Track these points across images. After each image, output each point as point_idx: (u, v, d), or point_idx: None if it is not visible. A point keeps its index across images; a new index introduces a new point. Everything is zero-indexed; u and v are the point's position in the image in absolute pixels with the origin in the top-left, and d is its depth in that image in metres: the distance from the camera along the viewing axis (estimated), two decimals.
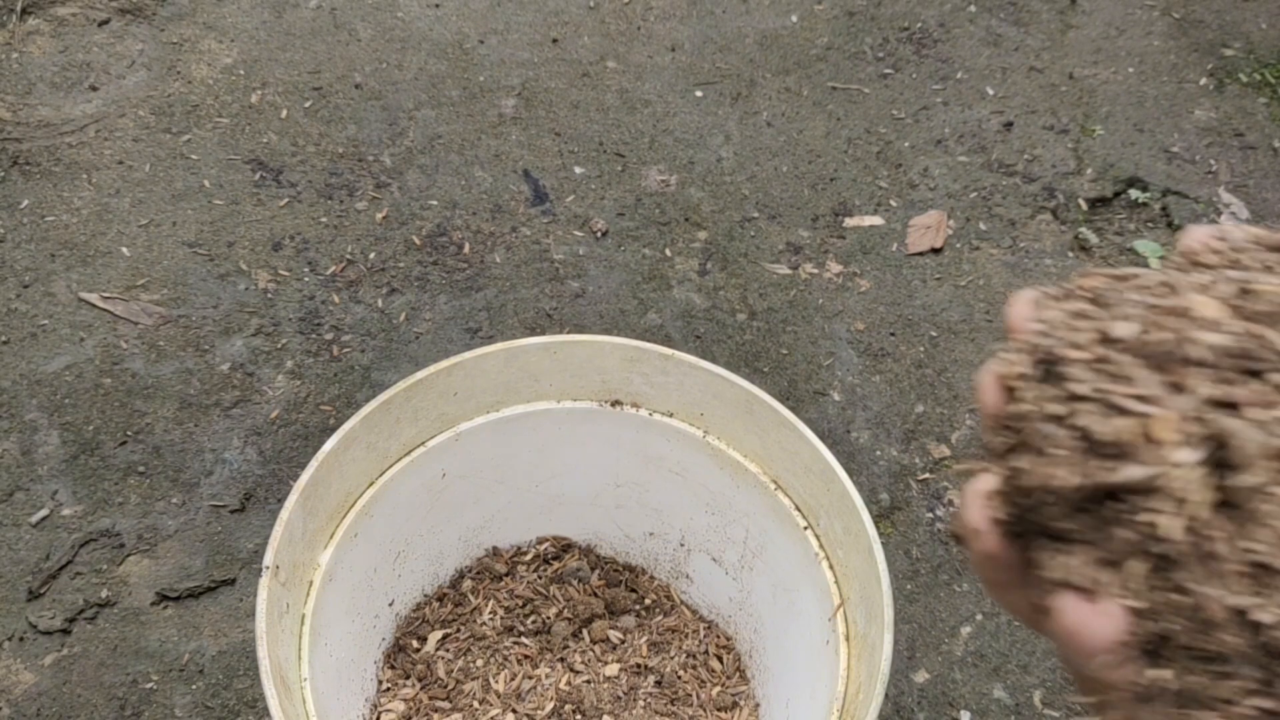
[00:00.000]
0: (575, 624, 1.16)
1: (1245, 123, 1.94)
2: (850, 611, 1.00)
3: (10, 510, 1.32)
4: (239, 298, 1.56)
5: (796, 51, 2.01)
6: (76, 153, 1.72)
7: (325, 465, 0.98)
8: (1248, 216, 1.78)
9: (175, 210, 1.66)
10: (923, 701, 1.25)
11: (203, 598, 1.27)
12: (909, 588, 1.34)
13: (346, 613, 1.08)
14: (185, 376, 1.47)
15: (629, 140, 1.84)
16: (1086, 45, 2.06)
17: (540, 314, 1.59)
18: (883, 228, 1.74)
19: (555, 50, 1.97)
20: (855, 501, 0.97)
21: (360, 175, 1.74)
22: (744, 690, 1.14)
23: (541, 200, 1.73)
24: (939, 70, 2.00)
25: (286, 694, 0.86)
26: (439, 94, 1.88)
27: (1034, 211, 1.78)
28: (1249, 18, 2.14)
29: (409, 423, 1.06)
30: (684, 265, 1.67)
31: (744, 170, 1.81)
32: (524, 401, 1.13)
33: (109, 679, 1.20)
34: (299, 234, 1.65)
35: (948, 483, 1.44)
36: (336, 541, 1.03)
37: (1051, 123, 1.92)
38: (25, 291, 1.54)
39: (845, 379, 1.54)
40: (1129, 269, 0.36)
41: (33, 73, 1.82)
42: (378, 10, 2.01)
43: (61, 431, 1.40)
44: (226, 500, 1.35)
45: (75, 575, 1.28)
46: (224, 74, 1.86)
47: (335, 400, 1.46)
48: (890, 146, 1.87)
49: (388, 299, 1.58)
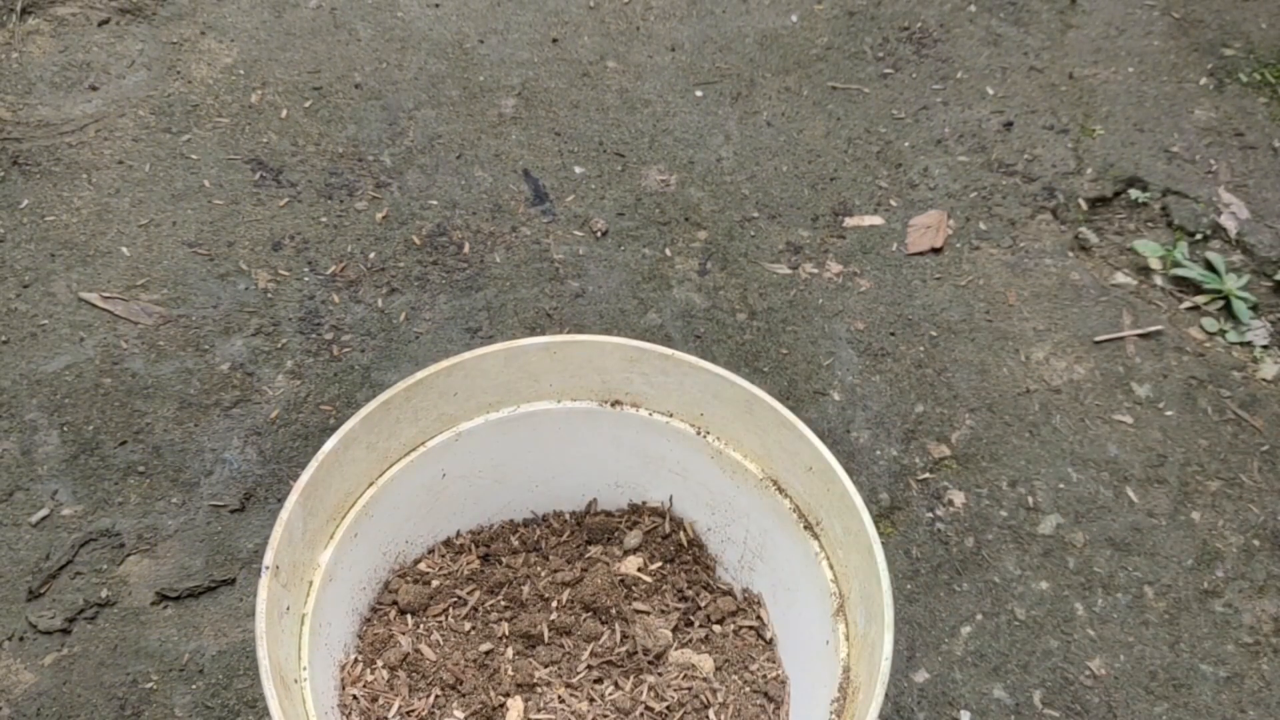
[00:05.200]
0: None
1: (1245, 123, 1.94)
2: (850, 611, 1.00)
3: (10, 510, 1.32)
4: (239, 298, 1.56)
5: (796, 51, 2.01)
6: (76, 153, 1.72)
7: (325, 465, 0.98)
8: (1248, 216, 1.78)
9: (175, 210, 1.66)
10: (923, 701, 1.25)
11: (203, 598, 1.27)
12: (909, 588, 1.34)
13: (346, 613, 1.08)
14: (185, 376, 1.47)
15: (629, 140, 1.84)
16: (1086, 45, 2.06)
17: (540, 314, 1.59)
18: (883, 227, 1.74)
19: (555, 50, 1.97)
20: (855, 501, 0.97)
21: (360, 175, 1.74)
22: None
23: (541, 200, 1.73)
24: (939, 70, 2.00)
25: (286, 694, 0.86)
26: (439, 94, 1.88)
27: (1034, 211, 1.78)
28: (1249, 18, 2.14)
29: (409, 423, 1.06)
30: (684, 265, 1.67)
31: (744, 170, 1.81)
32: (524, 401, 1.13)
33: (109, 679, 1.20)
34: (299, 234, 1.65)
35: (948, 482, 1.44)
36: (336, 541, 1.03)
37: (1051, 123, 1.92)
38: (25, 291, 1.54)
39: (845, 379, 1.54)
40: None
41: (33, 72, 1.82)
42: (378, 10, 2.01)
43: (61, 431, 1.40)
44: (226, 500, 1.35)
45: (75, 575, 1.28)
46: (224, 74, 1.86)
47: (335, 400, 1.46)
48: (890, 146, 1.87)
49: (388, 299, 1.58)
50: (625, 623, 1.13)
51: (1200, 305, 1.67)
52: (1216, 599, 1.36)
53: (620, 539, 1.21)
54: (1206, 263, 1.71)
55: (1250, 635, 1.33)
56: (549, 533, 1.22)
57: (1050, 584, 1.35)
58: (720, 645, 1.13)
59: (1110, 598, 1.35)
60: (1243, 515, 1.43)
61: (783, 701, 1.08)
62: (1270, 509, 1.44)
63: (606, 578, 1.14)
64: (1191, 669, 1.29)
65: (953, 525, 1.40)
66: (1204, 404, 1.55)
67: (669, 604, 1.16)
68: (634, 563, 1.18)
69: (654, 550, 1.19)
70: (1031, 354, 1.59)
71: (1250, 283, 1.70)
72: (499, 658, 1.10)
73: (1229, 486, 1.46)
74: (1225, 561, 1.39)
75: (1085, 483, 1.45)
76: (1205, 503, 1.44)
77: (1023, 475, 1.45)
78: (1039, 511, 1.42)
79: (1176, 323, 1.65)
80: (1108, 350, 1.61)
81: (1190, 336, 1.63)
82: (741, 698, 1.08)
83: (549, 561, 1.19)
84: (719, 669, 1.11)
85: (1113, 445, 1.49)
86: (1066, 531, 1.40)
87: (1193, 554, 1.39)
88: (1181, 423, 1.53)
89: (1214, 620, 1.34)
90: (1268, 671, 1.30)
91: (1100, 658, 1.29)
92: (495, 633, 1.13)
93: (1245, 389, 1.57)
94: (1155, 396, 1.55)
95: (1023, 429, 1.50)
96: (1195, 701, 1.27)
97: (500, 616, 1.14)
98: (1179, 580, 1.37)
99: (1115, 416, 1.53)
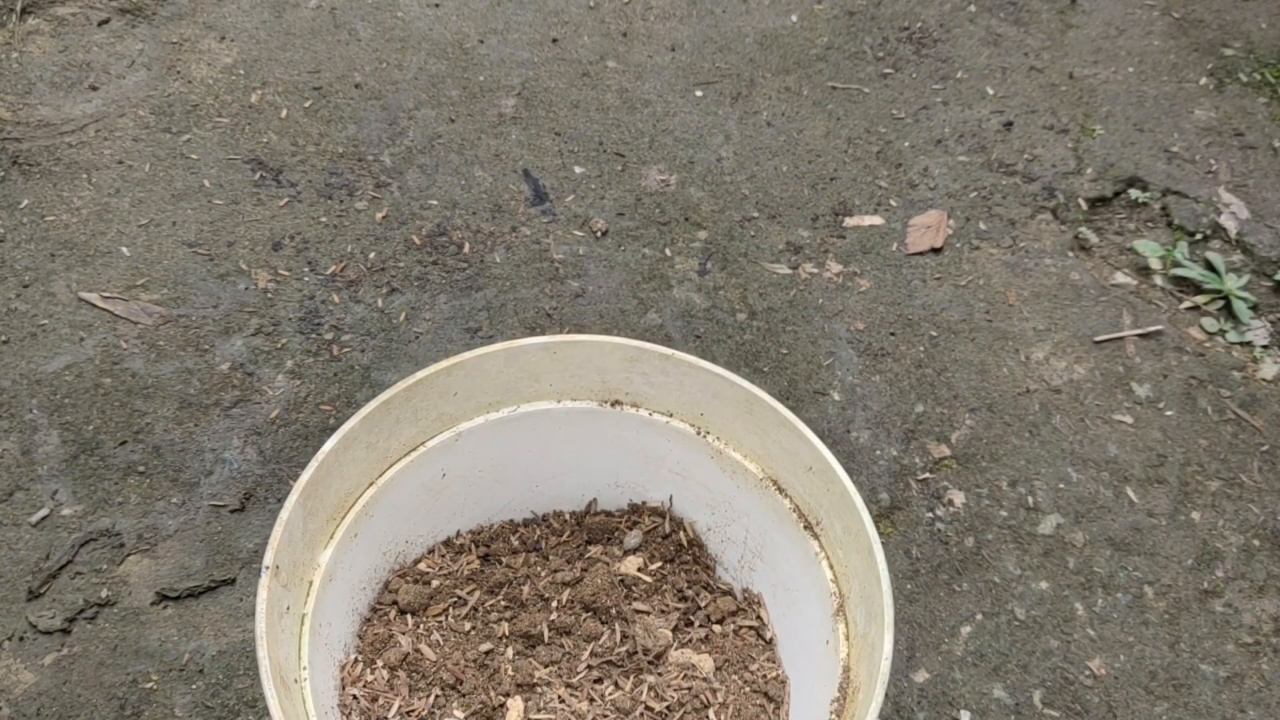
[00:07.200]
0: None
1: (1245, 123, 1.94)
2: (850, 611, 1.00)
3: (10, 510, 1.32)
4: (239, 297, 1.56)
5: (796, 51, 2.01)
6: (76, 152, 1.72)
7: (325, 465, 0.98)
8: (1248, 216, 1.78)
9: (175, 210, 1.66)
10: (923, 701, 1.25)
11: (203, 598, 1.27)
12: (909, 588, 1.34)
13: (346, 613, 1.08)
14: (185, 376, 1.47)
15: (629, 140, 1.84)
16: (1086, 45, 2.06)
17: (540, 314, 1.59)
18: (883, 227, 1.74)
19: (555, 50, 1.97)
20: (855, 501, 0.97)
21: (360, 175, 1.74)
22: None
23: (541, 200, 1.73)
24: (939, 70, 2.00)
25: (286, 694, 0.86)
26: (439, 94, 1.88)
27: (1034, 211, 1.78)
28: (1249, 18, 2.14)
29: (409, 423, 1.06)
30: (684, 265, 1.67)
31: (744, 170, 1.81)
32: (524, 401, 1.13)
33: (109, 679, 1.20)
34: (299, 234, 1.65)
35: (948, 482, 1.44)
36: (336, 541, 1.03)
37: (1051, 122, 1.92)
38: (25, 291, 1.54)
39: (845, 379, 1.54)
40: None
41: (33, 72, 1.82)
42: (378, 10, 2.01)
43: (61, 431, 1.40)
44: (226, 500, 1.35)
45: (75, 575, 1.28)
46: (224, 74, 1.86)
47: (335, 400, 1.46)
48: (890, 146, 1.87)
49: (388, 299, 1.58)
50: (625, 623, 1.13)
51: (1200, 305, 1.67)
52: (1216, 599, 1.36)
53: (620, 539, 1.21)
54: (1206, 263, 1.71)
55: (1250, 635, 1.33)
56: (549, 533, 1.22)
57: (1050, 584, 1.35)
58: (720, 645, 1.13)
59: (1110, 598, 1.35)
60: (1243, 515, 1.43)
61: (783, 701, 1.08)
62: (1270, 509, 1.44)
63: (606, 578, 1.14)
64: (1191, 669, 1.29)
65: (953, 525, 1.40)
66: (1204, 404, 1.55)
67: (669, 604, 1.16)
68: (634, 563, 1.18)
69: (654, 550, 1.20)
70: (1031, 354, 1.59)
71: (1250, 283, 1.70)
72: (499, 658, 1.10)
73: (1229, 486, 1.46)
74: (1225, 561, 1.39)
75: (1085, 483, 1.45)
76: (1205, 503, 1.44)
77: (1023, 475, 1.45)
78: (1039, 511, 1.42)
79: (1176, 323, 1.65)
80: (1108, 350, 1.61)
81: (1190, 336, 1.63)
82: (741, 698, 1.08)
83: (549, 561, 1.19)
84: (719, 669, 1.11)
85: (1113, 445, 1.49)
86: (1066, 531, 1.40)
87: (1193, 554, 1.39)
88: (1181, 423, 1.53)
89: (1214, 620, 1.34)
90: (1268, 671, 1.30)
91: (1100, 658, 1.29)
92: (495, 633, 1.13)
93: (1245, 389, 1.57)
94: (1155, 396, 1.55)
95: (1023, 429, 1.50)
96: (1195, 701, 1.27)
97: (500, 616, 1.14)
98: (1179, 580, 1.37)
99: (1115, 416, 1.53)
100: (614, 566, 1.17)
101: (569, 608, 1.14)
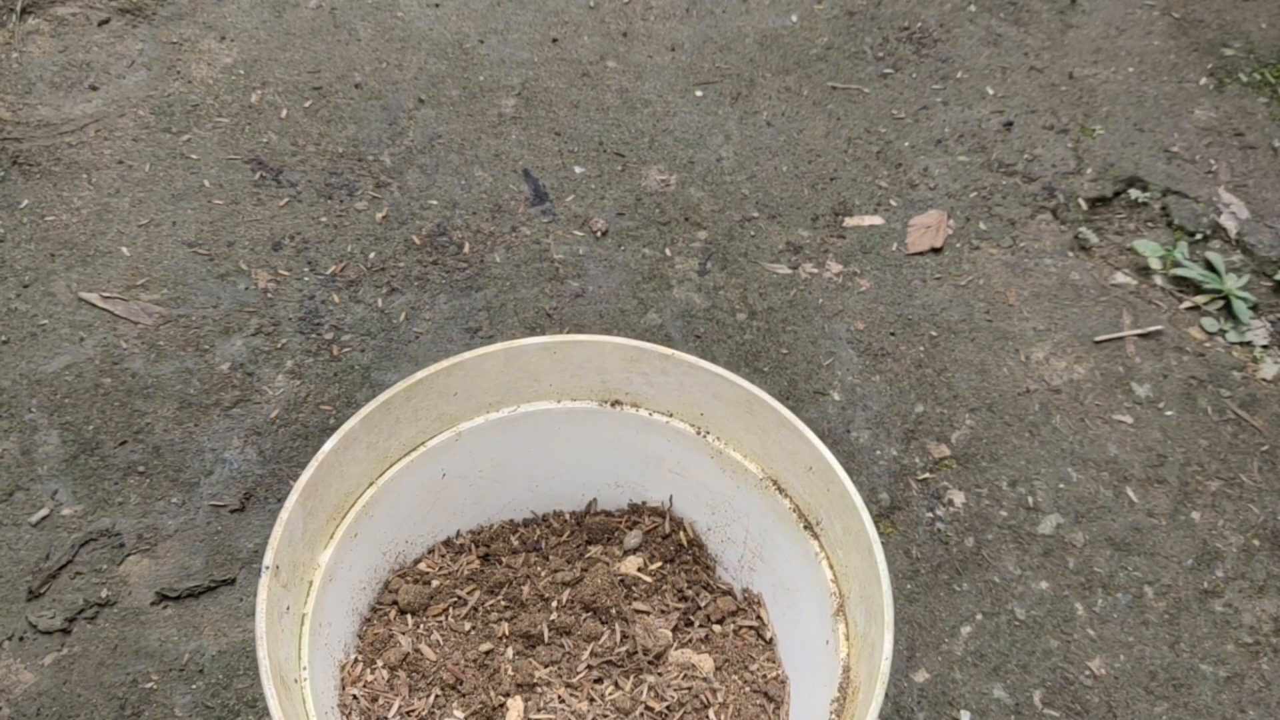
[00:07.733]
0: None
1: (1245, 123, 1.94)
2: (850, 611, 1.00)
3: (10, 510, 1.32)
4: (239, 297, 1.56)
5: (796, 51, 2.01)
6: (76, 152, 1.72)
7: (325, 465, 0.98)
8: (1248, 216, 1.78)
9: (175, 210, 1.66)
10: (923, 701, 1.25)
11: (203, 598, 1.27)
12: (909, 588, 1.34)
13: (346, 613, 1.08)
14: (185, 376, 1.47)
15: (629, 140, 1.84)
16: (1086, 45, 2.06)
17: (540, 314, 1.59)
18: (883, 227, 1.74)
19: (555, 50, 1.97)
20: (855, 501, 0.98)
21: (360, 175, 1.74)
22: None
23: (541, 200, 1.73)
24: (939, 70, 2.00)
25: (286, 694, 0.86)
26: (439, 94, 1.88)
27: (1034, 211, 1.78)
28: (1249, 18, 2.14)
29: (409, 423, 1.06)
30: (684, 265, 1.67)
31: (744, 170, 1.81)
32: (524, 401, 1.13)
33: (109, 679, 1.20)
34: (299, 234, 1.65)
35: (948, 482, 1.44)
36: (336, 541, 1.03)
37: (1051, 122, 1.92)
38: (25, 291, 1.54)
39: (845, 379, 1.54)
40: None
41: (33, 72, 1.82)
42: (378, 10, 2.01)
43: (61, 431, 1.40)
44: (226, 500, 1.35)
45: (75, 575, 1.28)
46: (224, 74, 1.86)
47: (335, 400, 1.46)
48: (890, 146, 1.87)
49: (388, 299, 1.58)
50: (625, 623, 1.13)
51: (1200, 305, 1.67)
52: (1216, 599, 1.36)
53: (620, 539, 1.21)
54: (1206, 263, 1.71)
55: (1250, 635, 1.33)
56: (549, 533, 1.22)
57: (1050, 584, 1.35)
58: (720, 645, 1.13)
59: (1110, 598, 1.35)
60: (1243, 515, 1.43)
61: (783, 701, 1.08)
62: (1270, 509, 1.44)
63: (606, 578, 1.14)
64: (1191, 669, 1.29)
65: (953, 525, 1.40)
66: (1204, 404, 1.55)
67: (669, 604, 1.16)
68: (634, 563, 1.18)
69: (654, 550, 1.20)
70: (1031, 354, 1.59)
71: (1250, 283, 1.69)
72: (499, 658, 1.10)
73: (1229, 486, 1.46)
74: (1225, 561, 1.39)
75: (1085, 483, 1.45)
76: (1205, 503, 1.44)
77: (1023, 475, 1.45)
78: (1039, 511, 1.42)
79: (1176, 323, 1.65)
80: (1108, 350, 1.61)
81: (1190, 336, 1.63)
82: (741, 698, 1.08)
83: (549, 561, 1.19)
84: (719, 669, 1.11)
85: (1113, 445, 1.49)
86: (1066, 531, 1.40)
87: (1193, 554, 1.39)
88: (1181, 423, 1.53)
89: (1214, 620, 1.34)
90: (1268, 671, 1.30)
91: (1100, 658, 1.29)
92: (495, 633, 1.13)
93: (1245, 389, 1.57)
94: (1155, 396, 1.55)
95: (1023, 429, 1.50)
96: (1195, 701, 1.27)
97: (500, 616, 1.14)
98: (1179, 580, 1.37)
99: (1115, 416, 1.53)
100: (614, 566, 1.17)
101: (569, 608, 1.14)
